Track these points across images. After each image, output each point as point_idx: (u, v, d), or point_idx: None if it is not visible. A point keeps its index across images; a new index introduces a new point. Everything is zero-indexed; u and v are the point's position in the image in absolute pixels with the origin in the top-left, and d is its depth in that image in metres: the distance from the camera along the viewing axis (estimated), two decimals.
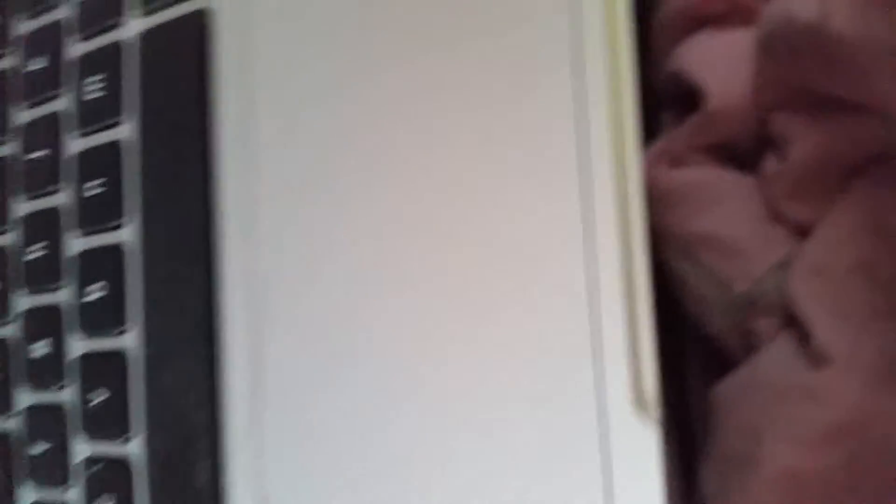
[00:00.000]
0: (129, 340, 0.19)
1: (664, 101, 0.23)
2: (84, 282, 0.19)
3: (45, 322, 0.20)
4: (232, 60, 0.17)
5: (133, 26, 0.20)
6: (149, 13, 0.19)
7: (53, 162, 0.21)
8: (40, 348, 0.20)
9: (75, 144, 0.21)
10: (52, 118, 0.21)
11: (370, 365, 0.15)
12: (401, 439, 0.15)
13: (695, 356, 0.24)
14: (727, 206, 0.21)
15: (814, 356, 0.20)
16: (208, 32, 0.18)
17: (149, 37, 0.19)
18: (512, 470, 0.14)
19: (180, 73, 0.18)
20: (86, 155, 0.20)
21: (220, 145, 0.17)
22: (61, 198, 0.21)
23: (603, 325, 0.14)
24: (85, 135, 0.21)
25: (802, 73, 0.20)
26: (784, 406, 0.20)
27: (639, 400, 0.14)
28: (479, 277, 0.15)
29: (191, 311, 0.17)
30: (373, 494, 0.15)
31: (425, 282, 0.15)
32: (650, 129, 0.23)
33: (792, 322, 0.21)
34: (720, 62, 0.21)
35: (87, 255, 0.20)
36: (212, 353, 0.17)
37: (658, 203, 0.22)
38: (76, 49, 0.21)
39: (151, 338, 0.18)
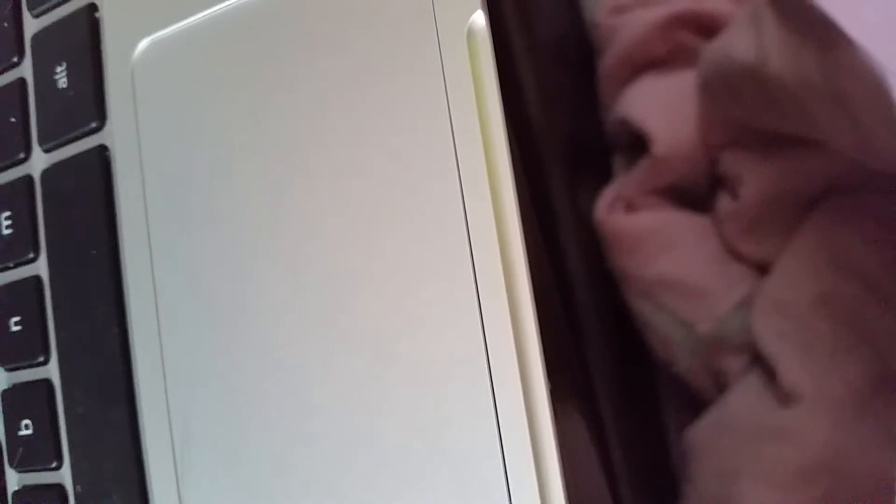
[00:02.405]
0: (66, 475, 0.19)
1: (615, 145, 0.23)
2: (14, 417, 0.19)
3: None
4: (130, 191, 0.18)
5: (37, 162, 0.20)
6: (49, 150, 0.20)
7: None
8: None
9: None
10: None
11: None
12: None
13: (668, 398, 0.23)
14: (684, 248, 0.21)
15: (782, 394, 0.19)
16: (109, 166, 0.18)
17: (51, 173, 0.20)
18: None
19: (85, 207, 0.18)
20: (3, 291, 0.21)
21: (128, 279, 0.18)
22: None
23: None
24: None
25: (745, 112, 0.20)
26: (756, 447, 0.20)
27: None
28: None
29: (115, 452, 0.17)
30: None
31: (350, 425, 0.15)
32: (605, 172, 0.23)
33: (759, 360, 0.20)
34: (664, 106, 0.21)
35: (14, 392, 0.20)
36: (141, 495, 0.17)
37: (616, 248, 0.22)
38: None
39: (80, 476, 0.18)
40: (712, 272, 0.21)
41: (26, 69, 0.21)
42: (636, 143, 0.22)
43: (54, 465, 0.19)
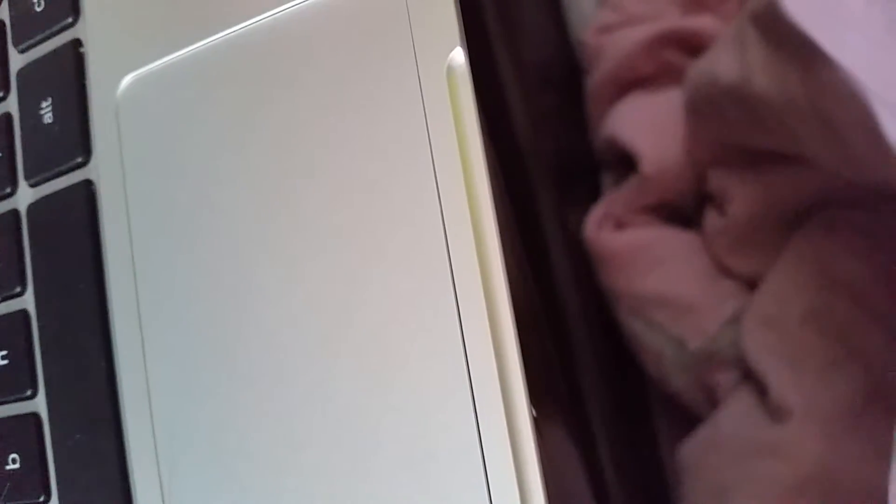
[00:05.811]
0: None
1: (603, 163, 0.23)
2: (1, 451, 0.19)
3: None
4: (115, 225, 0.18)
5: (24, 196, 0.20)
6: (35, 185, 0.20)
7: None
8: None
9: None
10: None
11: None
12: None
13: (661, 415, 0.23)
14: (673, 265, 0.21)
15: (772, 410, 0.19)
16: (94, 200, 0.18)
17: (37, 208, 0.20)
18: None
19: (71, 241, 0.18)
20: None
21: (114, 311, 0.18)
22: None
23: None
24: None
25: (731, 130, 0.20)
26: (748, 463, 0.20)
27: None
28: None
29: (103, 485, 0.17)
30: None
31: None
32: (593, 190, 0.23)
33: (749, 376, 0.20)
34: (651, 124, 0.22)
35: (1, 425, 0.20)
36: None
37: (606, 265, 0.22)
38: None
39: None
40: (702, 288, 0.21)
41: (12, 104, 0.21)
42: (624, 161, 0.22)
43: (42, 499, 0.19)
